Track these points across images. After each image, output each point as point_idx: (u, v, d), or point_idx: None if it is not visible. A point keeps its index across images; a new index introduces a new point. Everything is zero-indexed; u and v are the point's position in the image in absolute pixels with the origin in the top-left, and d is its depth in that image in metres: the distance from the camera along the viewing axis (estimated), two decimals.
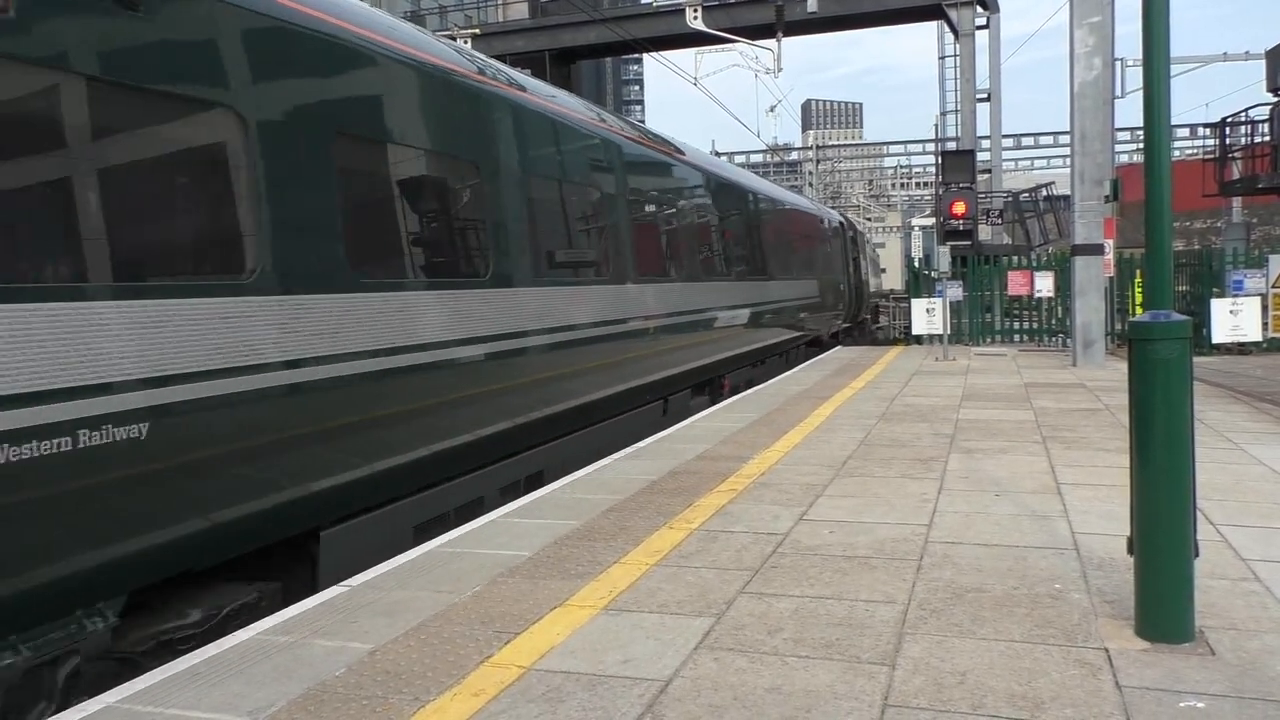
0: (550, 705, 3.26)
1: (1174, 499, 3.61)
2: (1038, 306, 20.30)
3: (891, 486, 6.43)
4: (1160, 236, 3.69)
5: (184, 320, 4.19)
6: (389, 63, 5.88)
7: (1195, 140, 45.25)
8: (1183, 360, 3.61)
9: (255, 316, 4.59)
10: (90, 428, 3.72)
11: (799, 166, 60.11)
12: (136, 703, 3.38)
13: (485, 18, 33.87)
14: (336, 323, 5.13)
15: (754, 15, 27.62)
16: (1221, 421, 8.86)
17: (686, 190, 12.25)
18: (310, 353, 4.94)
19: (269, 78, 4.84)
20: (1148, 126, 3.73)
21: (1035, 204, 30.56)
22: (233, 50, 4.62)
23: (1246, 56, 31.94)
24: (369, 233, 5.62)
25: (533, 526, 5.64)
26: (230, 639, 3.98)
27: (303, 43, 5.11)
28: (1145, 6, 3.70)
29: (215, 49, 4.52)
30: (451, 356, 6.18)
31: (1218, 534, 5.11)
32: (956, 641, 3.72)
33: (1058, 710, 3.12)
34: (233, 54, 4.61)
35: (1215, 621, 3.84)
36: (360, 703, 3.31)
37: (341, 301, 5.18)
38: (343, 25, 5.48)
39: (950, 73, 32.26)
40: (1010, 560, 4.74)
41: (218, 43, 4.54)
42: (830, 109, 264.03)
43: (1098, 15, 13.58)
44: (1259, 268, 15.30)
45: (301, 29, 5.11)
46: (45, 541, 3.65)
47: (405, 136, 5.97)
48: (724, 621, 4.00)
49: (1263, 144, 18.09)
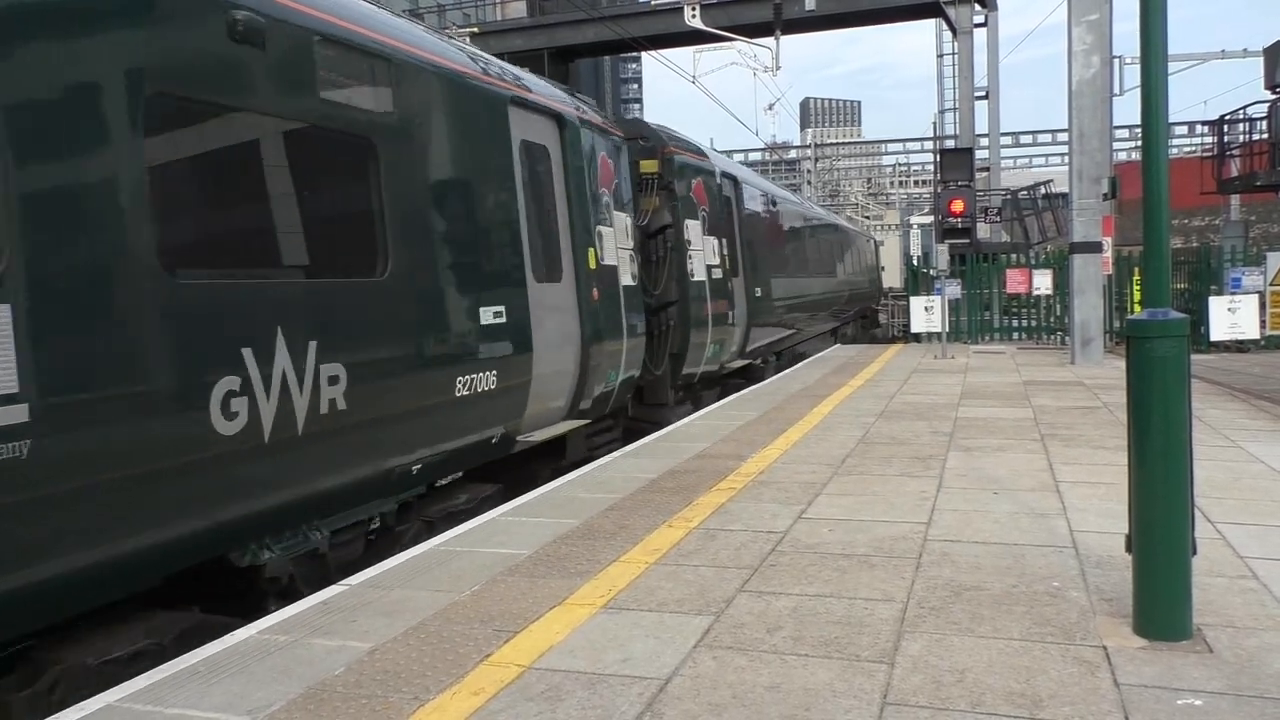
0: (550, 704, 3.26)
1: (1172, 497, 3.62)
2: (1036, 304, 20.30)
3: (890, 485, 6.44)
4: (1158, 234, 3.69)
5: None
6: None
7: (1193, 138, 45.30)
8: (1181, 358, 3.62)
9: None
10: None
11: (797, 165, 60.10)
12: (137, 701, 3.38)
13: (483, 16, 33.88)
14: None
15: (752, 13, 27.58)
16: (1219, 419, 8.87)
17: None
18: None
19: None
20: (1146, 124, 3.73)
21: (1033, 202, 30.59)
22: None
23: (1244, 54, 31.98)
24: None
25: (532, 525, 5.64)
26: (229, 638, 3.98)
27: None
28: (1143, 4, 3.70)
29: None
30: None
31: (1216, 532, 5.11)
32: (955, 639, 3.72)
33: (1056, 708, 3.13)
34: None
35: (1213, 619, 3.85)
36: (360, 701, 3.32)
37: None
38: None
39: (948, 71, 32.24)
40: (1009, 558, 4.75)
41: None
42: (829, 107, 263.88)
43: (1095, 13, 13.58)
44: (1257, 265, 15.32)
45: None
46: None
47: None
48: (723, 620, 4.00)
49: (1261, 141, 18.09)
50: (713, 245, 12.14)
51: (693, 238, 11.35)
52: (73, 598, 3.87)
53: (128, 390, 3.94)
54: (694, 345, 11.33)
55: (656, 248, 10.93)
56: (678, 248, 11.00)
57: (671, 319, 10.99)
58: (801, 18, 27.52)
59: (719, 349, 12.37)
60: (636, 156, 10.81)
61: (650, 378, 10.74)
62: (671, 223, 10.98)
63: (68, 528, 3.73)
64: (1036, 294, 19.15)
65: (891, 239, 47.75)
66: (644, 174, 10.97)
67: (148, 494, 4.03)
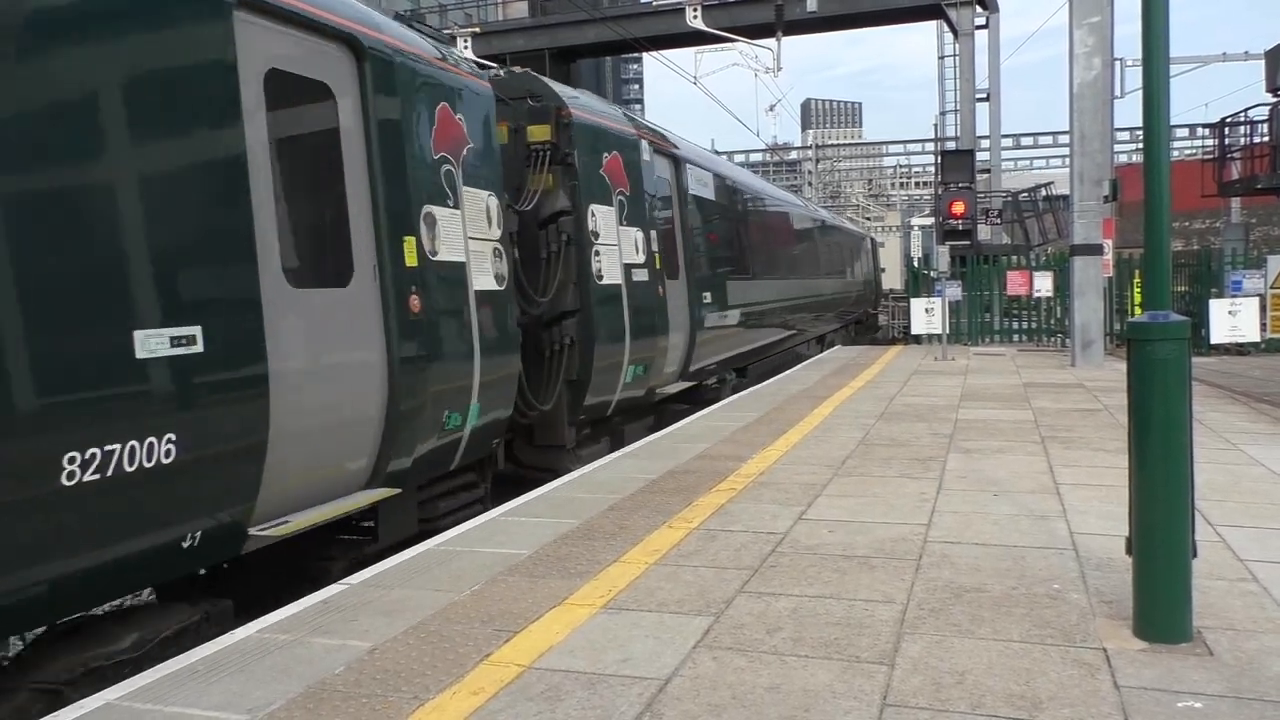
0: (549, 704, 3.26)
1: (1172, 499, 3.62)
2: (1036, 306, 20.31)
3: (890, 486, 6.44)
4: (1159, 237, 3.69)
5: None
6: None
7: (1194, 140, 45.29)
8: (1181, 361, 3.61)
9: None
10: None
11: (798, 166, 60.14)
12: (136, 700, 3.38)
13: (485, 17, 33.90)
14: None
15: (754, 14, 27.63)
16: (1220, 422, 8.86)
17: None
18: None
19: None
20: (1147, 126, 3.73)
21: (1034, 204, 30.59)
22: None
23: (1246, 56, 31.97)
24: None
25: (532, 525, 5.64)
26: (229, 637, 3.98)
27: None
28: (1145, 6, 3.70)
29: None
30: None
31: (1216, 534, 5.11)
32: (955, 641, 3.72)
33: (1056, 710, 3.13)
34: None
35: (1213, 622, 3.85)
36: (360, 701, 3.32)
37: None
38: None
39: (950, 72, 32.26)
40: (1009, 560, 4.75)
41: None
42: (830, 108, 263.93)
43: (1097, 15, 13.59)
44: (1257, 268, 15.29)
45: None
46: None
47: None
48: (723, 621, 4.00)
49: (1262, 144, 18.08)
50: (636, 239, 9.62)
51: (603, 228, 8.90)
52: None
53: None
54: (602, 368, 8.78)
55: (548, 241, 8.37)
56: (578, 241, 8.51)
57: (569, 335, 8.41)
58: (803, 19, 27.56)
59: (644, 370, 9.69)
60: (525, 120, 8.45)
61: (537, 414, 8.15)
62: (570, 208, 8.45)
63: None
64: (1037, 296, 19.16)
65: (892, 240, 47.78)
66: (533, 143, 8.37)
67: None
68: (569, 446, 8.67)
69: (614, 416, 9.56)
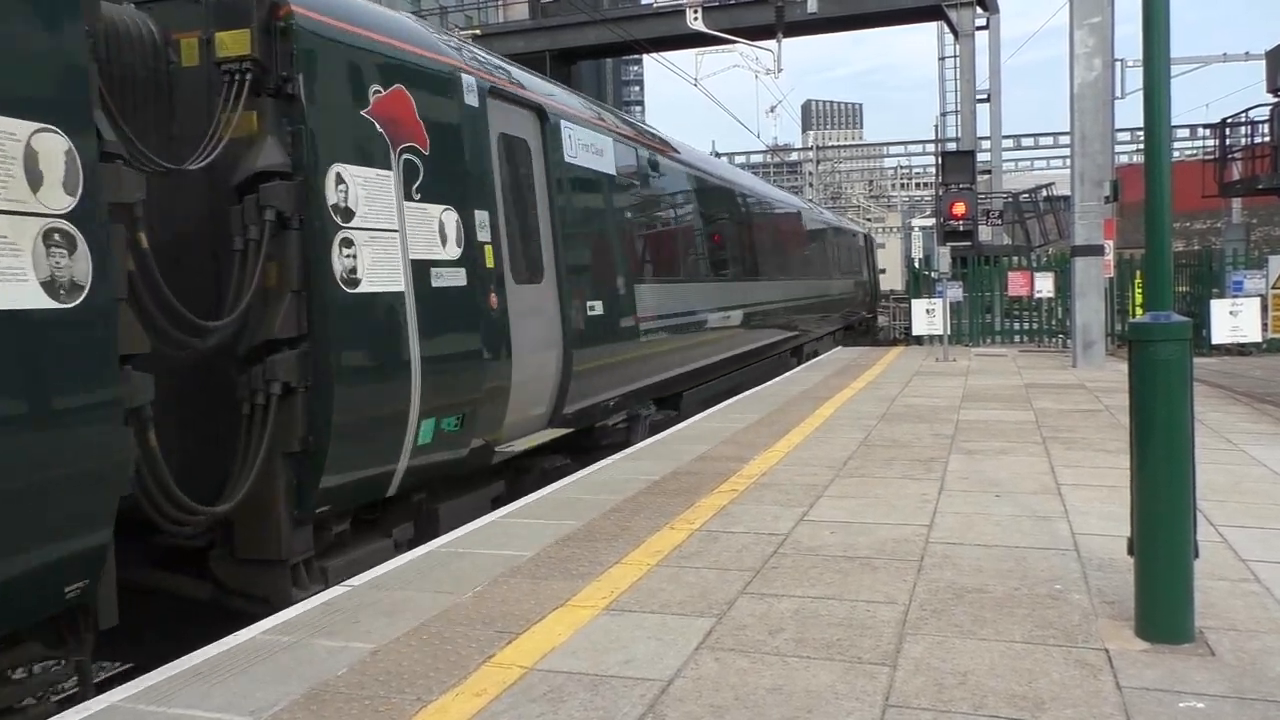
0: (552, 705, 3.27)
1: (1174, 500, 3.62)
2: (1038, 307, 20.31)
3: (892, 487, 6.44)
4: (1160, 237, 3.70)
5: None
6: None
7: (1195, 141, 45.28)
8: (1183, 361, 3.62)
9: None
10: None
11: (799, 167, 60.17)
12: (140, 701, 3.39)
13: (486, 18, 33.91)
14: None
15: (754, 16, 27.63)
16: (1221, 422, 8.86)
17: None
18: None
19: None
20: (1148, 127, 3.74)
21: (1035, 205, 30.57)
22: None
23: (1246, 57, 31.93)
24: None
25: (534, 527, 5.64)
26: (232, 639, 3.99)
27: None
28: (1145, 7, 3.71)
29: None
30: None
31: (1218, 535, 5.11)
32: (957, 642, 3.73)
33: (1058, 711, 3.13)
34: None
35: (1215, 622, 3.85)
36: (362, 702, 3.32)
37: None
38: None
39: (950, 73, 32.25)
40: (1011, 561, 4.75)
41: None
42: (830, 109, 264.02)
43: (1098, 16, 13.59)
44: (1259, 269, 15.30)
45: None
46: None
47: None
48: (725, 622, 4.01)
49: (1263, 145, 18.09)
50: (443, 223, 6.37)
51: (363, 204, 5.66)
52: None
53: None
54: (355, 425, 5.48)
55: (244, 220, 5.10)
56: (308, 223, 5.30)
57: (282, 376, 5.12)
58: (803, 20, 27.55)
59: (457, 422, 6.42)
60: (210, 24, 5.21)
61: (202, 517, 4.76)
62: (289, 168, 5.24)
63: None
64: (1038, 297, 19.16)
65: (893, 241, 47.81)
66: (223, 60, 5.17)
67: None
68: (285, 559, 5.23)
69: (410, 495, 6.31)
